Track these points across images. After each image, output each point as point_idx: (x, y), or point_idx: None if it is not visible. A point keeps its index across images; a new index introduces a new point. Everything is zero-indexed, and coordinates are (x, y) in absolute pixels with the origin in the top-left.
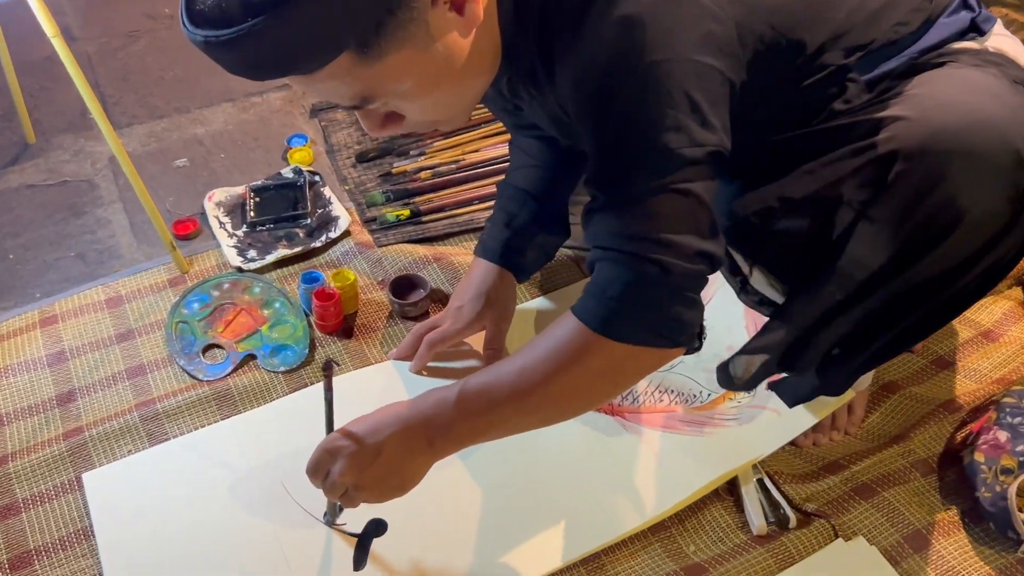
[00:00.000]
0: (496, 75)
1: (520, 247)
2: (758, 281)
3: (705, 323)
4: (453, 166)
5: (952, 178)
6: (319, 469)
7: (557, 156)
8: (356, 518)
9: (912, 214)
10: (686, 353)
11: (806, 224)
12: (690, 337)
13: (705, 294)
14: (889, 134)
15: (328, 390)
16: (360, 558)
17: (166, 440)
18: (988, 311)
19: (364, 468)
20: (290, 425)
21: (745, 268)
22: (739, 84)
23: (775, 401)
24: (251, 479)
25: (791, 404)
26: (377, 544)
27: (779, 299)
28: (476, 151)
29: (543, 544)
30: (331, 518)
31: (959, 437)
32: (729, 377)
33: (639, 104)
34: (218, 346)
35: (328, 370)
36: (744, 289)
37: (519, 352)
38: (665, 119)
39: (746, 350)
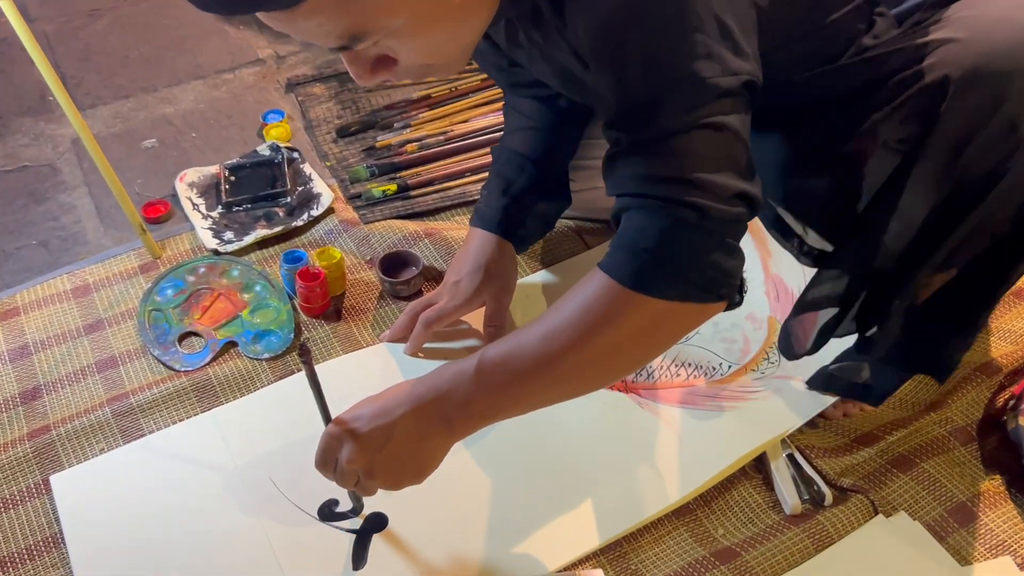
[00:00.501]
0: (493, 18)
1: (519, 215)
2: (815, 238)
3: (746, 281)
4: (441, 137)
5: (1012, 101)
6: (328, 458)
7: (557, 117)
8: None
9: (966, 147)
10: (727, 308)
11: (842, 175)
12: (732, 289)
13: None
14: (936, 59)
15: (311, 377)
16: (359, 556)
17: (141, 436)
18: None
19: (375, 453)
20: (277, 415)
21: (798, 228)
22: (763, 13)
23: (801, 371)
24: (236, 475)
25: (877, 402)
26: (377, 540)
27: None
28: (464, 122)
29: (557, 534)
30: (356, 505)
31: (999, 402)
32: (790, 341)
33: (665, 30)
34: (195, 334)
35: (306, 355)
36: (802, 250)
37: (542, 317)
38: (695, 46)
39: (805, 303)
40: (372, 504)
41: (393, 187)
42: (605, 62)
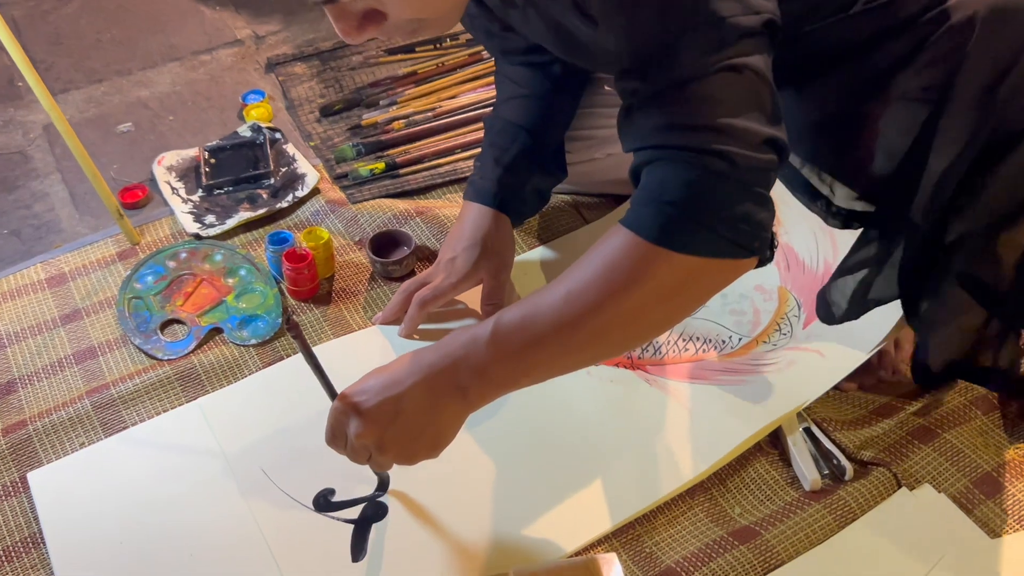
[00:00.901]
0: None
1: (515, 187)
2: (842, 197)
3: (776, 236)
4: (429, 114)
5: None
6: (337, 434)
7: (551, 84)
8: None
9: (1000, 85)
10: (758, 265)
11: (863, 131)
12: (764, 243)
13: None
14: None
15: (306, 351)
16: (358, 546)
17: (123, 429)
18: None
19: (385, 427)
20: (267, 403)
21: (824, 188)
22: None
23: (816, 342)
24: (225, 466)
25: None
26: (377, 529)
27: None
28: (452, 97)
29: (566, 519)
30: (382, 479)
31: (1020, 368)
32: (827, 305)
33: None
34: (178, 321)
35: (295, 328)
36: (829, 211)
37: (561, 277)
38: None
39: (844, 268)
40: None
41: (381, 165)
42: (616, 6)
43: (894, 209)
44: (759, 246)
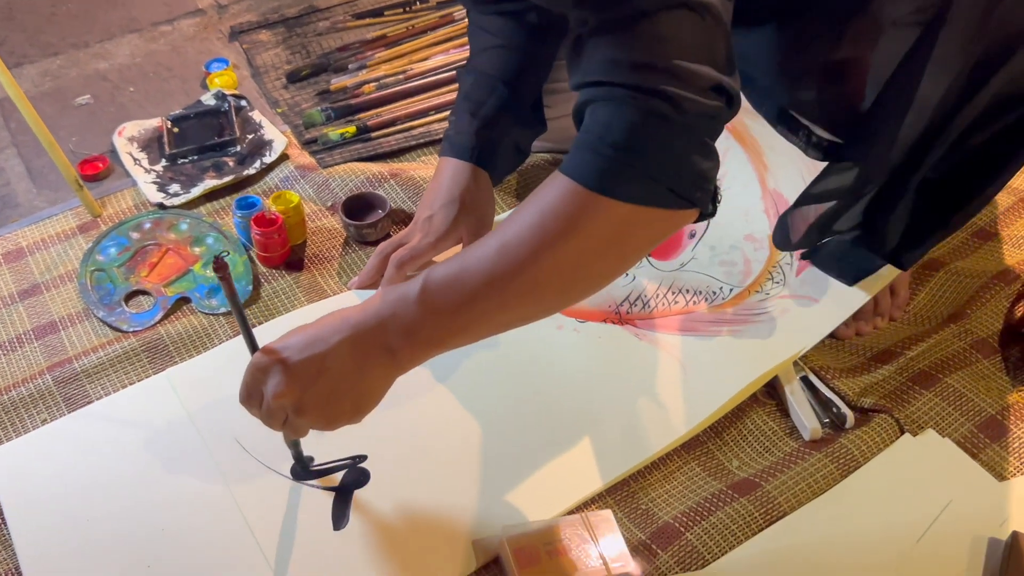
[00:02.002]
0: None
1: (492, 141)
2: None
3: (720, 189)
4: (400, 76)
5: None
6: (252, 392)
7: (526, 34)
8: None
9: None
10: (699, 219)
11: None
12: (707, 194)
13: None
14: None
15: (231, 297)
16: (340, 515)
17: (88, 404)
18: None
19: (306, 386)
20: (239, 371)
21: (805, 119)
22: None
23: (809, 288)
24: (197, 437)
25: (852, 281)
26: (360, 496)
27: None
28: (424, 60)
29: (557, 479)
30: (295, 454)
31: (1019, 311)
32: (786, 233)
33: None
34: (143, 292)
35: (222, 269)
36: (810, 143)
37: (496, 230)
38: None
39: (810, 196)
40: (344, 449)
41: (352, 129)
42: None
43: (873, 143)
44: (701, 197)
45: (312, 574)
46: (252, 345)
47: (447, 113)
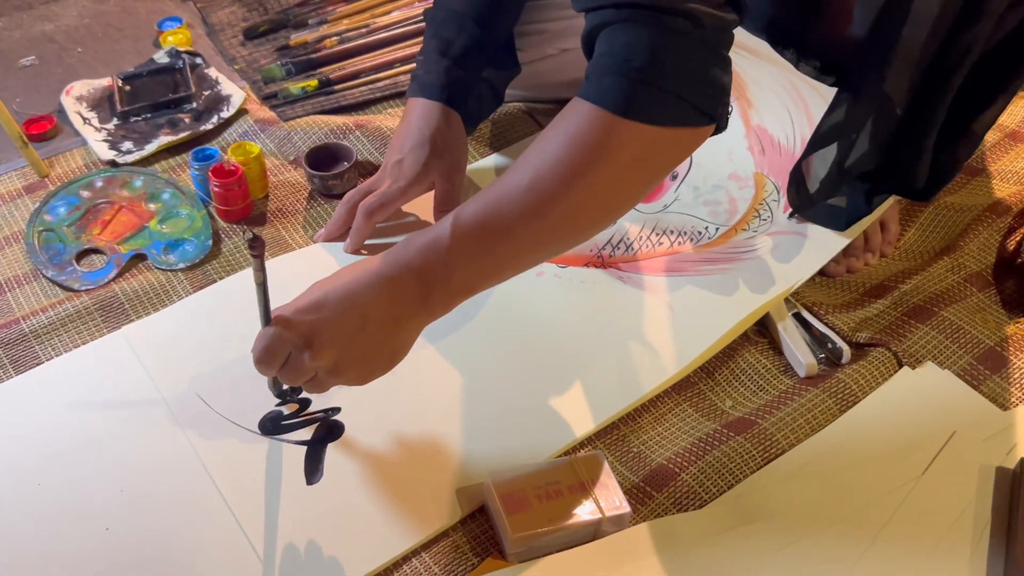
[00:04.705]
0: None
1: (464, 81)
2: None
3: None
4: (363, 30)
5: None
6: (276, 353)
7: None
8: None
9: None
10: (715, 132)
11: None
12: (725, 109)
13: None
14: None
15: (260, 271)
16: (313, 468)
17: (37, 365)
18: (1009, 113)
19: (346, 344)
20: (200, 328)
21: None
22: None
23: (797, 224)
24: (157, 396)
25: (845, 226)
26: (336, 449)
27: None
28: (387, 14)
29: (545, 424)
30: (282, 400)
31: (1011, 244)
32: (801, 184)
33: None
34: (96, 251)
35: (257, 246)
36: (802, 57)
37: (519, 162)
38: None
39: (819, 137)
40: (318, 401)
41: (314, 83)
42: None
43: (871, 63)
44: (721, 111)
45: (284, 530)
46: (268, 318)
47: (414, 65)
